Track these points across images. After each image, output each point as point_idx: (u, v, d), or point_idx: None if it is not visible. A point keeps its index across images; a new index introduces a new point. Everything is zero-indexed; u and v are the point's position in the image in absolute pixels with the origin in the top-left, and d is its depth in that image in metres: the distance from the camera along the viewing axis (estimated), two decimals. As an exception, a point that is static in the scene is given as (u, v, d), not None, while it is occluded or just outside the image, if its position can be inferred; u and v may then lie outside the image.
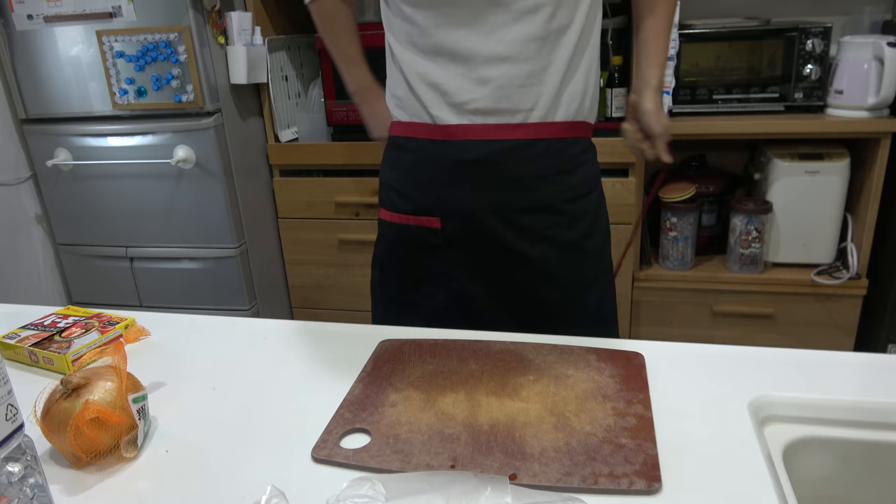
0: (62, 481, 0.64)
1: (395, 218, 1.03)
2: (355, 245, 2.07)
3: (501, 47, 0.91)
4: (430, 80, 0.95)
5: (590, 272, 1.04)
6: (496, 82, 0.92)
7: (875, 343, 1.88)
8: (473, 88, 0.93)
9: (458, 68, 0.93)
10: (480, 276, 1.01)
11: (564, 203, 0.99)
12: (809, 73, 1.79)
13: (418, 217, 1.01)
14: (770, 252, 1.92)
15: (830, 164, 1.80)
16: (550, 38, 0.92)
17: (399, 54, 0.97)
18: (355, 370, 0.80)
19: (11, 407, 0.52)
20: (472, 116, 0.95)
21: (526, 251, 0.99)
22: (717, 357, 0.79)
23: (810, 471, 0.69)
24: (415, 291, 1.04)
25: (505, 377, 0.76)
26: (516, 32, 0.90)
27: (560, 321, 1.01)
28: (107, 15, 1.78)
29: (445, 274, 1.02)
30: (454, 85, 0.94)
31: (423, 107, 0.97)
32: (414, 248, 1.03)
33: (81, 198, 2.03)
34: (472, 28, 0.91)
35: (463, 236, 0.99)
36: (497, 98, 0.93)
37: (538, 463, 0.62)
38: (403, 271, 1.06)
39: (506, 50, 0.91)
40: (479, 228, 0.98)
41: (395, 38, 0.98)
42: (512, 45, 0.91)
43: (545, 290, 1.01)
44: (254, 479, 0.63)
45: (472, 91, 0.93)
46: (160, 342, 0.93)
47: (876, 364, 0.78)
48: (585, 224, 1.01)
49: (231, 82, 1.91)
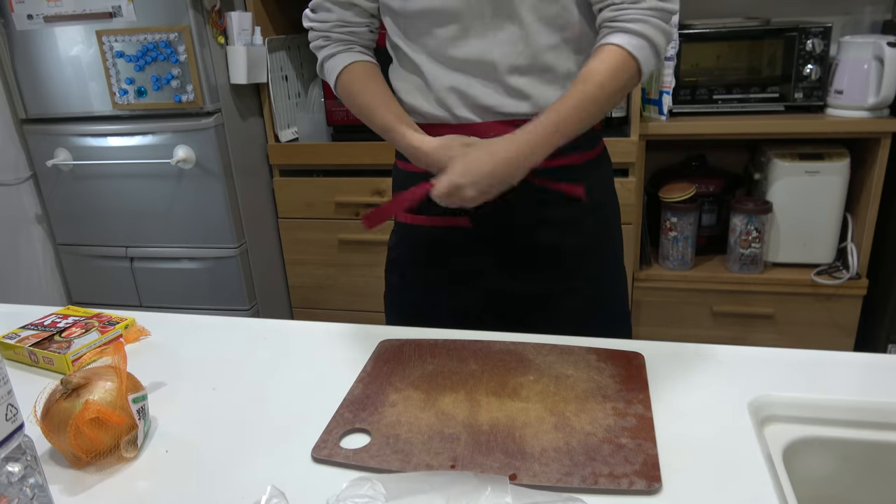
0: (62, 481, 0.64)
1: (419, 220, 1.02)
2: (355, 245, 2.07)
3: (522, 59, 0.91)
4: (455, 87, 0.94)
5: (613, 262, 1.06)
6: (524, 91, 0.92)
7: (875, 343, 1.88)
8: (499, 97, 0.93)
9: (483, 78, 0.92)
10: (510, 270, 1.01)
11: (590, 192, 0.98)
12: (809, 73, 1.79)
13: (446, 218, 0.99)
14: (770, 252, 1.92)
15: (830, 164, 1.80)
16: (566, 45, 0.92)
17: (417, 60, 0.95)
18: (355, 370, 0.80)
19: (11, 407, 0.52)
20: (496, 115, 0.94)
21: (556, 241, 0.99)
22: (717, 357, 0.79)
23: (810, 471, 0.69)
24: (440, 293, 1.04)
25: (505, 377, 0.76)
26: (534, 42, 0.90)
27: (588, 314, 1.02)
28: (107, 15, 1.78)
29: (474, 271, 1.01)
30: (482, 91, 0.93)
31: (447, 109, 0.95)
32: (440, 249, 1.02)
33: (81, 198, 2.03)
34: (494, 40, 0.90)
35: (492, 233, 0.99)
36: (526, 105, 0.93)
37: (538, 463, 0.62)
38: (428, 274, 1.05)
39: (528, 60, 0.91)
40: (509, 222, 0.98)
41: (408, 46, 0.96)
42: (533, 55, 0.90)
43: (575, 280, 1.01)
44: (253, 479, 0.63)
45: (498, 99, 0.93)
46: (160, 342, 0.93)
47: (876, 364, 0.78)
48: (609, 213, 1.05)
49: (231, 82, 1.90)
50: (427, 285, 1.05)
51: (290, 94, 2.13)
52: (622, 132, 1.84)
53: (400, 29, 0.96)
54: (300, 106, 2.18)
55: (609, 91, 0.85)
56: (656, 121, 1.87)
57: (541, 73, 0.92)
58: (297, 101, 2.17)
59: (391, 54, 1.02)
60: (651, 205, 2.01)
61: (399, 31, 0.97)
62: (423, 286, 1.06)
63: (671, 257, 1.97)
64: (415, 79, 0.97)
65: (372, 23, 1.02)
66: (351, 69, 0.99)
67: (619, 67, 0.85)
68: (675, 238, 1.94)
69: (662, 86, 1.84)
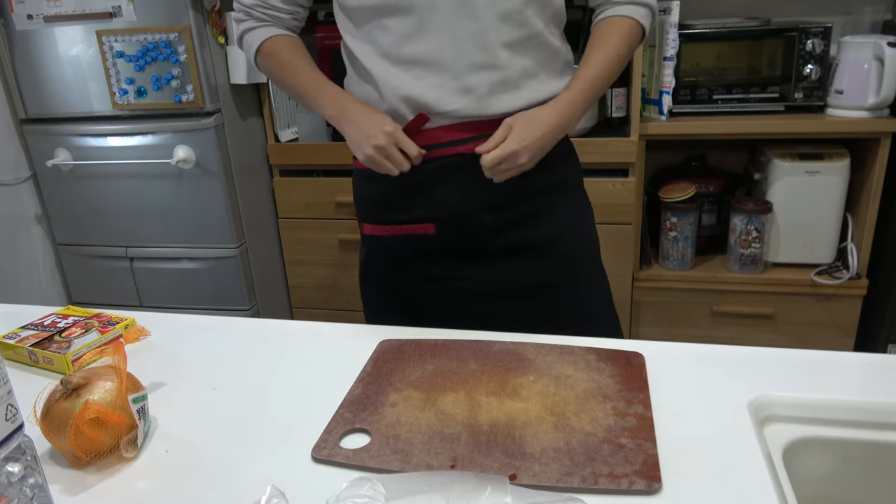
0: (62, 481, 0.64)
1: (385, 231, 1.01)
2: (355, 245, 2.06)
3: (481, 55, 0.90)
4: (405, 94, 0.92)
5: (585, 261, 1.04)
6: (478, 91, 0.91)
7: (875, 343, 1.88)
8: (455, 98, 0.92)
9: (437, 78, 0.91)
10: (480, 272, 1.00)
11: (551, 191, 0.99)
12: (809, 73, 1.79)
13: (411, 226, 0.99)
14: (770, 252, 1.92)
15: (830, 164, 1.80)
16: (523, 44, 0.91)
17: (371, 67, 0.94)
18: (355, 370, 0.80)
19: (11, 407, 0.52)
20: (452, 120, 0.93)
21: (523, 239, 0.98)
22: (717, 357, 0.79)
23: (810, 471, 0.69)
24: (418, 303, 1.03)
25: (505, 377, 0.76)
26: (493, 39, 0.89)
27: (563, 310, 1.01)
28: (107, 15, 1.78)
29: (445, 277, 1.01)
30: (434, 96, 0.92)
31: (400, 117, 0.94)
32: (409, 258, 1.02)
33: (81, 198, 2.03)
34: (450, 35, 0.89)
35: (458, 238, 0.98)
36: (479, 107, 0.92)
37: (538, 463, 0.62)
38: (402, 284, 1.04)
39: (485, 57, 0.90)
40: (474, 227, 0.97)
41: (362, 50, 0.95)
42: (489, 52, 0.90)
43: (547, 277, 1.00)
44: (253, 479, 0.63)
45: (453, 101, 0.92)
46: (160, 342, 0.93)
47: (876, 364, 0.78)
48: (574, 213, 1.03)
49: (231, 82, 1.90)
50: (402, 296, 1.04)
51: (290, 94, 2.13)
52: (622, 132, 1.84)
53: (354, 24, 0.95)
54: (300, 106, 2.18)
55: (623, 56, 0.96)
56: (656, 121, 1.86)
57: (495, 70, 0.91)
58: (296, 101, 2.17)
59: (346, 63, 1.01)
60: (651, 205, 2.01)
61: (352, 29, 0.95)
62: (396, 296, 1.05)
63: (671, 257, 1.97)
64: (368, 89, 0.96)
65: (297, 12, 1.02)
66: (274, 41, 1.00)
67: (629, 35, 0.96)
68: (675, 238, 1.94)
69: (662, 86, 1.84)
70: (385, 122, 0.91)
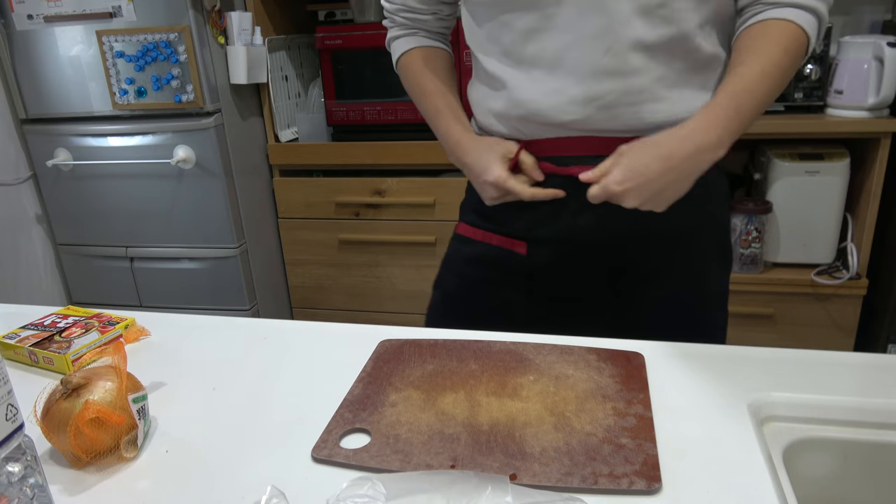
0: (62, 481, 0.64)
1: (478, 235, 0.94)
2: (355, 245, 2.07)
3: (607, 58, 0.77)
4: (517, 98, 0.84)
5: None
6: (601, 101, 0.79)
7: (875, 343, 1.88)
8: (572, 108, 0.81)
9: (556, 82, 0.80)
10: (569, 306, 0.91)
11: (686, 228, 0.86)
12: (809, 73, 1.79)
13: (503, 238, 0.91)
14: (770, 252, 1.92)
15: (830, 164, 1.79)
16: (664, 47, 0.78)
17: (489, 68, 0.86)
18: (355, 370, 0.80)
19: (11, 407, 0.52)
20: (568, 132, 0.83)
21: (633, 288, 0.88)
22: (717, 357, 0.79)
23: (810, 471, 0.69)
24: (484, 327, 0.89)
25: (505, 377, 0.76)
26: (624, 38, 0.76)
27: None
28: (107, 15, 1.78)
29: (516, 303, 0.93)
30: (548, 103, 0.81)
31: (514, 126, 0.87)
32: (493, 275, 0.94)
33: (81, 198, 2.03)
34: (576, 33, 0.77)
35: (552, 265, 0.89)
36: (601, 120, 0.81)
37: (538, 463, 0.62)
38: (473, 302, 0.96)
39: (612, 61, 0.77)
40: (576, 257, 0.87)
41: (483, 50, 0.88)
42: (618, 55, 0.77)
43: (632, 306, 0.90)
44: (254, 479, 0.63)
45: (569, 111, 0.81)
46: (160, 342, 0.92)
47: (876, 364, 0.78)
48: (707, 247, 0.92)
49: (231, 82, 1.91)
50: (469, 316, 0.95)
51: (290, 94, 2.13)
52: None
53: (476, 24, 0.87)
54: (300, 106, 2.19)
55: (785, 68, 0.74)
56: (656, 121, 1.86)
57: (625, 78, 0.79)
58: (296, 101, 2.17)
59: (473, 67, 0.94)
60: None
61: (475, 29, 0.88)
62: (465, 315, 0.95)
63: (671, 257, 1.97)
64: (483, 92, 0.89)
65: (440, 10, 0.95)
66: (410, 55, 0.95)
67: (789, 42, 0.74)
68: (675, 238, 1.94)
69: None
70: (488, 171, 0.83)
